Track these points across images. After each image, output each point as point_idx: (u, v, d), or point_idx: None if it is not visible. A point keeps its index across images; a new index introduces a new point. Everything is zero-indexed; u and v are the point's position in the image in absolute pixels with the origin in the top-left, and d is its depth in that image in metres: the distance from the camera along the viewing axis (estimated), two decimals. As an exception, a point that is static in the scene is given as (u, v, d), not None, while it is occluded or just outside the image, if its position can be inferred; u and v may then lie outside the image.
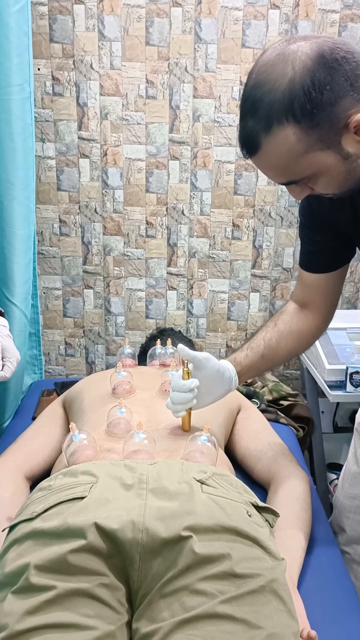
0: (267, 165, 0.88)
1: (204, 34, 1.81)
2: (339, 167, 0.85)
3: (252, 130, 0.84)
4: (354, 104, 0.80)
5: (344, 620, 0.99)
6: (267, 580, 0.81)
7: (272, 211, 1.98)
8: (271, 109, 0.81)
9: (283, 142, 0.82)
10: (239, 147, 0.89)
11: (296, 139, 0.82)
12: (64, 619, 0.77)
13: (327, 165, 0.84)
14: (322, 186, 0.89)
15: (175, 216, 1.98)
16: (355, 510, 1.29)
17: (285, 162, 0.85)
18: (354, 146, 0.83)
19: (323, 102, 0.79)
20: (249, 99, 0.84)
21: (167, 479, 0.92)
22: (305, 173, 0.86)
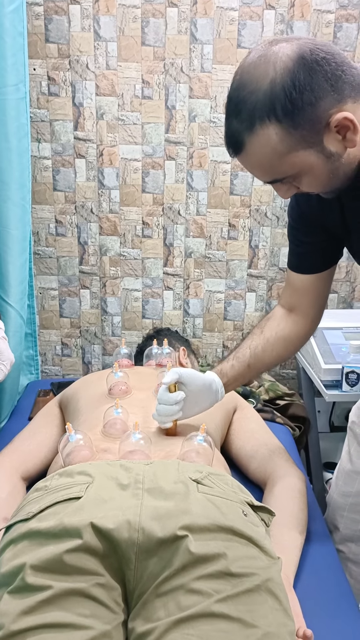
0: (251, 164, 0.89)
1: (199, 34, 1.82)
2: (322, 166, 0.86)
3: (236, 130, 0.85)
4: (334, 104, 0.81)
5: (340, 619, 0.99)
6: (262, 579, 0.81)
7: (268, 211, 1.99)
8: (253, 110, 0.82)
9: (266, 142, 0.84)
10: (225, 147, 0.90)
11: (279, 138, 0.83)
12: (60, 618, 0.77)
13: (310, 164, 0.85)
14: (307, 185, 0.89)
15: (172, 216, 1.98)
16: (348, 508, 1.29)
17: (269, 161, 0.86)
18: (336, 145, 0.84)
19: (304, 102, 0.80)
20: (233, 100, 0.85)
21: (163, 479, 0.92)
22: (289, 172, 0.87)
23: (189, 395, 1.17)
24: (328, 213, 1.05)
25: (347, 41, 1.83)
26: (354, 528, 1.30)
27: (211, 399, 1.21)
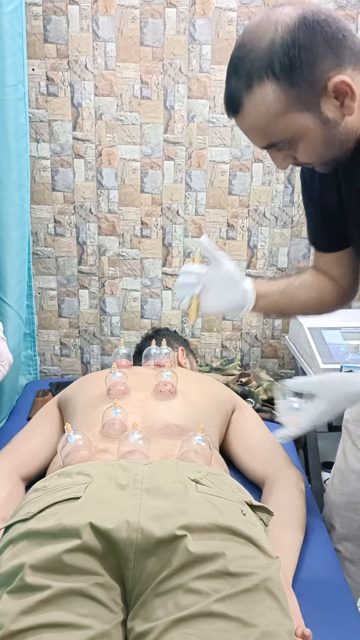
0: (248, 125, 0.89)
1: (198, 35, 1.82)
2: (318, 132, 0.85)
3: (235, 89, 0.85)
4: (333, 67, 0.81)
5: (339, 619, 1.00)
6: (261, 578, 0.82)
7: (266, 211, 1.99)
8: (252, 67, 0.82)
9: (263, 100, 0.83)
10: (224, 108, 0.90)
11: (275, 97, 0.83)
12: (59, 618, 0.77)
13: (305, 128, 0.85)
14: (302, 152, 0.88)
15: (170, 216, 1.99)
16: (344, 507, 1.30)
17: (265, 122, 0.85)
18: (333, 111, 0.83)
19: (302, 60, 0.80)
20: (234, 59, 0.86)
21: (162, 479, 0.92)
22: (284, 135, 0.86)
23: (215, 279, 1.12)
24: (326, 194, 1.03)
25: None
26: (350, 527, 1.30)
27: (238, 296, 1.12)
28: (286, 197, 1.98)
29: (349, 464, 1.28)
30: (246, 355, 2.15)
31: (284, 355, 2.15)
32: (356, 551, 1.32)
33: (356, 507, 1.28)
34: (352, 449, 1.28)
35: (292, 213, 1.99)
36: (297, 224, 2.01)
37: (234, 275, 1.13)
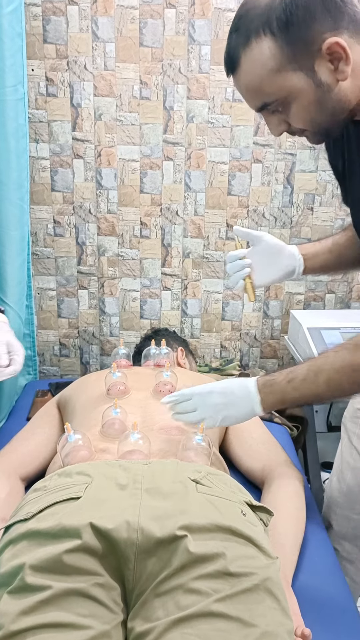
0: (244, 83, 0.90)
1: (197, 35, 1.82)
2: (311, 94, 0.86)
3: (234, 46, 0.88)
4: (329, 29, 0.82)
5: (338, 618, 1.00)
6: (261, 578, 0.82)
7: (265, 211, 1.99)
8: (251, 23, 0.85)
9: (259, 56, 0.85)
10: (224, 67, 0.92)
11: (271, 54, 0.84)
12: (59, 618, 0.77)
13: (298, 88, 0.86)
14: (295, 116, 0.89)
15: (170, 217, 1.99)
16: (341, 505, 1.30)
17: (259, 79, 0.87)
18: (326, 74, 0.84)
19: (299, 19, 0.82)
20: (236, 17, 0.88)
21: (162, 479, 0.92)
22: (278, 94, 0.87)
23: (260, 254, 1.20)
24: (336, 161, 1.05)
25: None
26: (348, 525, 1.30)
27: (287, 261, 1.19)
28: (285, 198, 1.98)
29: (345, 461, 1.29)
30: (245, 355, 2.15)
31: (283, 355, 2.15)
32: (354, 551, 1.32)
33: (353, 506, 1.28)
34: (348, 446, 1.29)
35: (291, 213, 2.00)
36: (297, 224, 2.01)
37: (277, 243, 1.20)
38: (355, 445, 1.27)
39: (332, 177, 1.96)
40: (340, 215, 2.00)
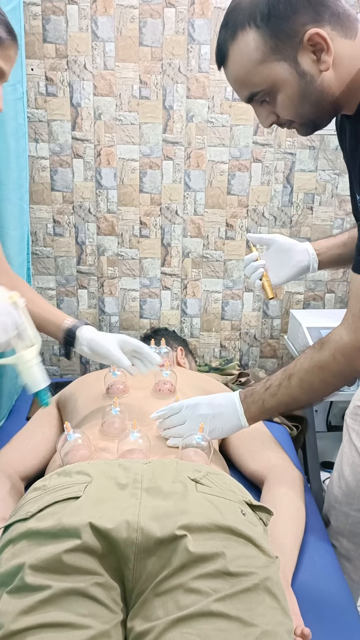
0: (232, 75, 0.94)
1: (197, 35, 1.82)
2: (295, 84, 0.89)
3: (223, 41, 0.92)
4: (310, 22, 0.86)
5: (338, 618, 1.00)
6: (260, 578, 0.82)
7: (265, 211, 1.99)
8: (237, 17, 0.89)
9: (244, 48, 0.89)
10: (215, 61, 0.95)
11: (255, 45, 0.88)
12: (59, 618, 0.77)
13: (283, 78, 0.89)
14: (281, 106, 0.92)
15: (169, 216, 1.99)
16: (340, 500, 1.30)
17: (246, 70, 0.90)
18: (309, 65, 0.88)
19: (281, 11, 0.85)
20: (225, 13, 0.93)
21: (162, 479, 0.92)
22: (263, 85, 0.91)
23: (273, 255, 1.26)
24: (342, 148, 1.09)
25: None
26: (345, 522, 1.30)
27: (300, 257, 1.24)
28: (285, 197, 1.98)
29: (345, 457, 1.29)
30: (245, 355, 2.15)
31: (282, 355, 2.15)
32: (352, 548, 1.32)
33: (352, 502, 1.28)
34: (348, 442, 1.29)
35: (291, 213, 2.00)
36: (296, 223, 2.01)
37: (288, 242, 1.26)
38: (354, 442, 1.28)
39: (331, 177, 1.96)
40: (339, 214, 2.00)
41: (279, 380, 1.07)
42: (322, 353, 1.01)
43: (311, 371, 1.03)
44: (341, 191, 1.97)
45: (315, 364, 1.02)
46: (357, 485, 1.27)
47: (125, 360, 1.19)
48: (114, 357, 1.20)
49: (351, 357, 0.99)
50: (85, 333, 1.24)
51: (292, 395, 1.06)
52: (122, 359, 1.20)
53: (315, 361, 1.02)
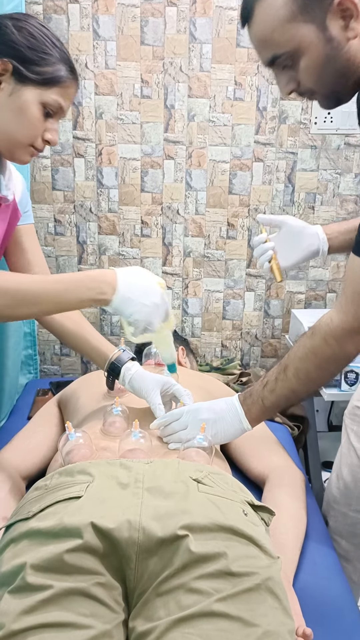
0: (255, 34, 0.92)
1: (198, 34, 1.82)
2: (320, 49, 0.87)
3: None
4: None
5: (339, 618, 1.00)
6: (262, 578, 0.82)
7: (266, 210, 1.99)
8: None
9: (271, 5, 0.87)
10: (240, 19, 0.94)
11: (283, 2, 0.86)
12: (60, 618, 0.77)
13: (308, 41, 0.87)
14: (304, 72, 0.90)
15: (170, 215, 1.99)
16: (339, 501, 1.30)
17: (271, 28, 0.88)
18: (337, 30, 0.86)
19: None
20: None
21: (163, 478, 0.92)
22: (288, 46, 0.88)
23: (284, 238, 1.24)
24: None
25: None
26: (344, 522, 1.30)
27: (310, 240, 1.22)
28: (286, 197, 1.98)
29: (343, 457, 1.29)
30: (246, 354, 2.15)
31: (284, 354, 2.15)
32: (351, 548, 1.32)
33: (350, 502, 1.28)
34: (347, 443, 1.29)
35: (292, 212, 1.99)
36: (298, 223, 2.01)
37: (299, 225, 1.23)
38: (352, 442, 1.28)
39: (333, 176, 1.96)
40: (341, 214, 2.00)
41: (275, 374, 1.07)
42: (313, 339, 1.01)
43: (305, 358, 1.02)
44: (343, 191, 1.97)
45: (309, 350, 1.01)
46: (355, 486, 1.27)
47: (161, 410, 1.17)
48: (153, 405, 1.18)
49: (342, 340, 0.98)
50: (129, 370, 1.23)
51: (290, 388, 1.05)
52: (158, 409, 1.17)
53: (308, 347, 1.01)
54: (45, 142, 1.09)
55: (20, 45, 1.02)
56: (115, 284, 1.01)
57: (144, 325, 1.05)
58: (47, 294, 0.99)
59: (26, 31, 1.03)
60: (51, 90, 1.04)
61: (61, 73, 1.05)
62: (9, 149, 1.08)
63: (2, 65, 1.01)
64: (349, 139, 1.92)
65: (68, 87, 1.07)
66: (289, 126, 1.91)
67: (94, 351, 1.29)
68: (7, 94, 1.02)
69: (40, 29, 1.05)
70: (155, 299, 1.04)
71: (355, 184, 1.97)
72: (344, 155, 1.93)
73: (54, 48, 1.05)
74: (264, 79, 1.85)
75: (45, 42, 1.04)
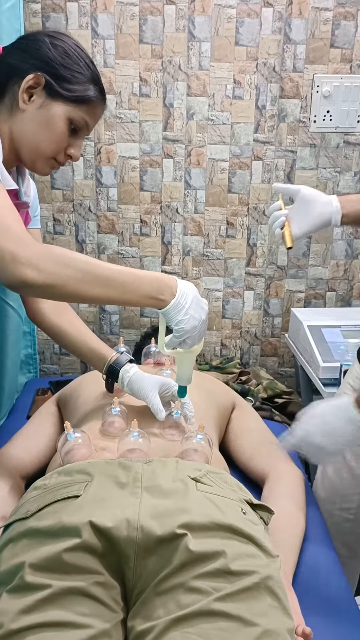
0: None
1: (197, 32, 1.81)
2: None
3: None
4: None
5: (339, 617, 1.00)
6: (261, 577, 0.82)
7: (266, 209, 1.98)
8: None
9: None
10: None
11: None
12: (59, 617, 0.77)
13: None
14: None
15: (170, 214, 1.98)
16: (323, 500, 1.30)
17: None
18: None
19: None
20: None
21: (162, 477, 0.92)
22: None
23: (297, 206, 1.26)
24: None
25: (345, 39, 1.83)
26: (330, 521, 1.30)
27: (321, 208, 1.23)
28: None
29: None
30: (246, 353, 2.15)
31: (283, 353, 2.15)
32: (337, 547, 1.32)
33: (335, 500, 1.28)
34: None
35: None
36: (297, 222, 2.00)
37: (313, 193, 1.25)
38: None
39: (332, 175, 1.96)
40: (340, 212, 2.00)
41: None
42: None
43: None
44: (342, 189, 1.97)
45: None
46: (340, 484, 1.27)
47: (162, 413, 1.17)
48: (153, 406, 1.19)
49: None
50: (127, 372, 1.24)
51: None
52: (159, 412, 1.17)
53: None
54: (67, 157, 1.14)
55: (55, 61, 1.07)
56: (175, 290, 1.03)
57: (185, 337, 1.05)
58: (117, 280, 0.99)
59: (61, 49, 1.08)
60: (79, 108, 1.09)
61: (90, 93, 1.10)
62: (33, 159, 1.12)
63: (35, 78, 1.06)
64: (348, 137, 1.91)
65: (96, 107, 1.12)
66: (288, 124, 1.90)
67: (91, 354, 1.29)
68: (37, 107, 1.07)
69: (75, 48, 1.10)
70: (203, 315, 1.06)
71: (355, 182, 1.97)
72: (343, 153, 1.93)
73: (86, 68, 1.10)
74: (263, 77, 1.85)
75: (78, 62, 1.09)
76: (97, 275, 0.97)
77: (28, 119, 1.08)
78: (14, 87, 1.07)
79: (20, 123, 1.08)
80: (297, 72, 1.85)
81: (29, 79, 1.06)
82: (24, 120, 1.08)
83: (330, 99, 1.86)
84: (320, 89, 1.85)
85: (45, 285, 0.93)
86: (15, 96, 1.07)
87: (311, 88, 1.86)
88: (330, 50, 1.84)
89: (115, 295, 1.00)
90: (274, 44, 1.82)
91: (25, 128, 1.08)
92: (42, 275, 0.92)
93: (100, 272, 0.98)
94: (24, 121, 1.08)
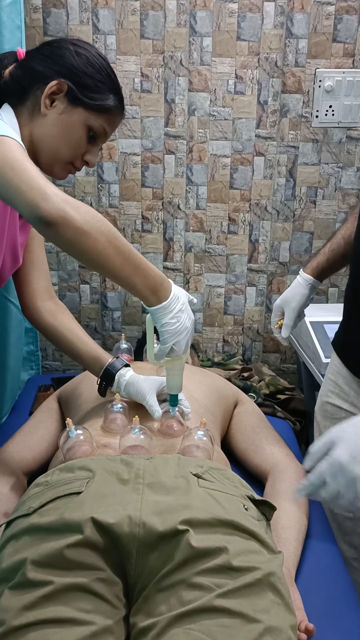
0: None
1: (199, 27, 1.80)
2: None
3: None
4: None
5: (342, 613, 0.99)
6: (264, 573, 0.81)
7: (268, 205, 1.98)
8: None
9: None
10: None
11: None
12: (61, 614, 0.77)
13: None
14: None
15: (171, 211, 1.98)
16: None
17: None
18: None
19: None
20: None
21: (164, 474, 0.92)
22: None
23: None
24: None
25: (347, 33, 1.82)
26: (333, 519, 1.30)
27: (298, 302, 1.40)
28: (288, 191, 1.97)
29: None
30: (248, 350, 2.14)
31: (285, 349, 2.15)
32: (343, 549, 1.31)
33: None
34: None
35: (293, 207, 1.98)
36: (299, 217, 2.00)
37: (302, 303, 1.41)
38: None
39: (334, 170, 1.95)
40: (342, 208, 1.99)
41: None
42: None
43: None
44: (344, 185, 1.96)
45: None
46: None
47: (158, 412, 1.17)
48: (150, 407, 1.18)
49: None
50: (123, 376, 1.24)
51: None
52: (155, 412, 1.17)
53: None
54: (83, 162, 1.17)
55: (78, 69, 1.10)
56: (169, 293, 1.04)
57: (170, 342, 1.05)
58: (134, 258, 0.99)
59: (85, 58, 1.11)
60: (99, 116, 1.12)
61: (111, 102, 1.12)
62: (50, 163, 1.15)
63: (59, 85, 1.08)
64: (350, 132, 1.91)
65: (115, 116, 1.15)
66: (290, 120, 1.90)
67: (87, 357, 1.29)
68: (58, 112, 1.10)
69: (98, 58, 1.13)
70: (188, 323, 1.07)
71: (357, 177, 1.96)
72: (345, 148, 1.92)
73: (107, 78, 1.13)
74: (265, 72, 1.84)
75: (100, 71, 1.12)
76: (123, 244, 0.97)
77: (49, 124, 1.10)
78: (37, 92, 1.10)
79: (40, 127, 1.11)
80: (299, 67, 1.84)
81: (52, 85, 1.08)
82: (44, 124, 1.10)
83: (332, 94, 1.85)
84: (322, 84, 1.84)
85: (82, 230, 0.91)
86: (38, 101, 1.10)
87: (313, 83, 1.85)
88: (332, 45, 1.82)
89: (127, 273, 0.99)
90: (275, 39, 1.81)
91: (46, 132, 1.11)
92: (81, 219, 0.91)
93: (124, 244, 0.98)
94: (44, 126, 1.10)
